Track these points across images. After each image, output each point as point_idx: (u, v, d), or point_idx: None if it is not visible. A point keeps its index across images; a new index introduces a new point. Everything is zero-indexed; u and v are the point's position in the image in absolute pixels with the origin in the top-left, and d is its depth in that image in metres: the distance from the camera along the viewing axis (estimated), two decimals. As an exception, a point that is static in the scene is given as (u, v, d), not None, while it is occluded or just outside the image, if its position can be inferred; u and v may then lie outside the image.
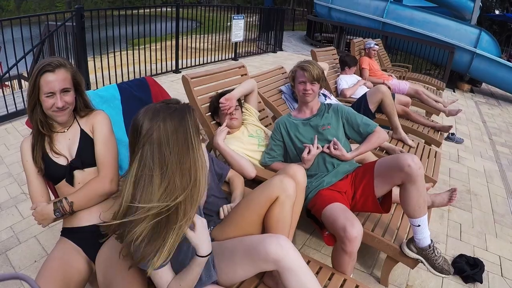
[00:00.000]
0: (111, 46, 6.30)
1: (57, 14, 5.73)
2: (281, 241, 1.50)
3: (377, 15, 11.32)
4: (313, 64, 2.59)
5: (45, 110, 1.63)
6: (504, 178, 4.54)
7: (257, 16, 11.04)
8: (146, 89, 2.37)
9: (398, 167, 2.04)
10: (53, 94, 1.60)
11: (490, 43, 9.48)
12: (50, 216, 1.64)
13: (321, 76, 2.60)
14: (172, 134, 1.22)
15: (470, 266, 2.66)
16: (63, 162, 1.71)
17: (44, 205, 1.65)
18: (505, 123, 7.42)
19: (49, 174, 1.71)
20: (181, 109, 1.28)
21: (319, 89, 2.65)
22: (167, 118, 1.22)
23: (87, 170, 1.75)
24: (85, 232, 1.72)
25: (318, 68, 2.59)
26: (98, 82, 5.94)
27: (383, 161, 2.26)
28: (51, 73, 1.58)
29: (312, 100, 2.63)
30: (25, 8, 64.24)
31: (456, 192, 2.66)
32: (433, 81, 7.46)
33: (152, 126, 1.21)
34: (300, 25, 20.16)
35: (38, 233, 2.63)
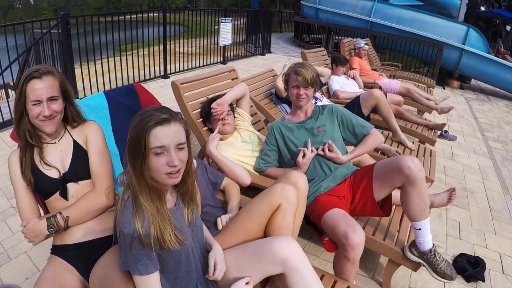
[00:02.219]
0: (98, 52, 6.21)
1: (43, 21, 5.63)
2: (288, 241, 1.50)
3: (365, 15, 11.35)
4: (307, 68, 2.49)
5: (31, 119, 1.55)
6: (499, 173, 4.53)
7: (244, 19, 10.99)
8: (134, 97, 2.30)
9: (398, 169, 1.99)
10: (40, 102, 1.52)
11: (478, 39, 9.53)
12: (43, 232, 1.56)
13: (315, 80, 2.52)
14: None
15: (471, 265, 2.62)
16: (55, 174, 1.62)
17: (36, 221, 1.57)
18: (496, 118, 7.45)
19: (40, 188, 1.62)
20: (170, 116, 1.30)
21: (313, 92, 2.58)
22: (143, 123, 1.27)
23: (81, 183, 1.67)
24: (77, 249, 1.63)
25: (312, 71, 2.49)
26: (86, 89, 5.84)
27: (382, 163, 2.20)
28: (38, 79, 1.51)
29: (305, 104, 2.56)
30: (11, 16, 63.79)
31: (455, 192, 2.63)
32: (423, 79, 7.46)
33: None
34: (288, 27, 20.20)
35: (28, 249, 2.52)
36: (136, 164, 1.27)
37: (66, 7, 62.93)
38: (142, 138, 1.24)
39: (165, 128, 1.26)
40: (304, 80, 2.46)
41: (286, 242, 1.49)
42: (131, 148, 1.28)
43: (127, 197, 1.29)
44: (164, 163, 1.27)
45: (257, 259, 1.50)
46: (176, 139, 1.28)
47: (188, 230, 1.45)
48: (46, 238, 1.59)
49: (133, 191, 1.29)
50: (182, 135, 1.31)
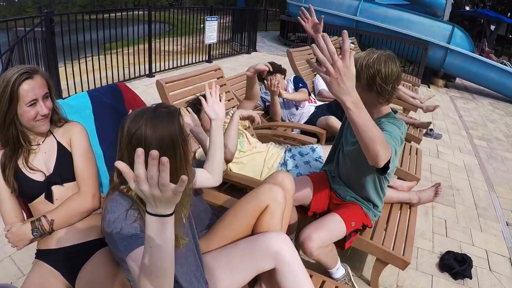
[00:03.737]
0: (82, 51, 6.12)
1: (26, 19, 5.53)
2: (281, 235, 1.55)
3: (350, 14, 11.38)
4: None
5: (26, 122, 1.51)
6: (484, 171, 4.58)
7: (230, 17, 10.94)
8: (118, 96, 2.25)
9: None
10: (36, 102, 1.49)
11: (463, 38, 9.65)
12: (27, 236, 1.51)
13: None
14: (157, 140, 1.16)
15: (458, 262, 2.64)
16: (40, 177, 1.58)
17: (20, 225, 1.52)
18: (480, 116, 7.54)
19: (24, 192, 1.57)
20: (167, 114, 1.22)
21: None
22: (151, 120, 1.17)
23: (66, 185, 1.63)
24: (62, 254, 1.58)
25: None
26: (70, 88, 5.74)
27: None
28: (30, 80, 1.48)
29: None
30: (-6, 13, 62.60)
31: (440, 187, 2.65)
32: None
33: (137, 127, 1.16)
34: (274, 25, 20.14)
35: (12, 252, 2.45)
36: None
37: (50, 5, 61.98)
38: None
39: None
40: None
41: (278, 236, 1.53)
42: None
43: (114, 190, 1.24)
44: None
45: (249, 255, 1.51)
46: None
47: (187, 224, 1.43)
48: (30, 242, 1.55)
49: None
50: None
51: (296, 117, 3.94)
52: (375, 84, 1.82)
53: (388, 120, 1.86)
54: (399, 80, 1.87)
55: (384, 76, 1.80)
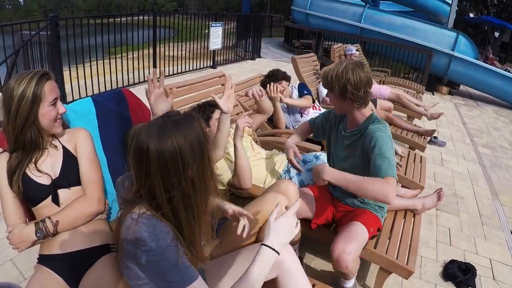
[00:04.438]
0: (87, 55, 6.14)
1: (31, 23, 5.57)
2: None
3: (355, 21, 11.42)
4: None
5: (47, 123, 1.53)
6: (488, 179, 4.55)
7: (235, 23, 10.97)
8: (122, 102, 2.24)
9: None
10: (56, 101, 1.54)
11: (467, 45, 9.64)
12: (30, 238, 1.49)
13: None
14: (189, 147, 1.11)
15: (462, 271, 2.62)
16: (46, 181, 1.57)
17: (23, 226, 1.51)
18: (485, 124, 7.51)
19: (29, 195, 1.56)
20: (186, 119, 1.16)
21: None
22: (177, 131, 1.11)
23: (73, 189, 1.63)
24: (65, 259, 1.57)
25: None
26: (75, 92, 5.76)
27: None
28: (50, 80, 1.52)
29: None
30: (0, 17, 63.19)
31: (443, 191, 2.64)
32: (413, 85, 7.50)
33: (166, 142, 1.09)
34: (278, 32, 20.17)
35: (14, 256, 2.45)
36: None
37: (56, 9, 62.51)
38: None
39: None
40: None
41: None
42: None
43: (142, 212, 1.15)
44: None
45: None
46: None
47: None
48: (33, 244, 1.53)
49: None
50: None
51: (299, 124, 3.93)
52: (347, 92, 1.96)
53: (376, 128, 1.96)
54: (369, 84, 1.99)
55: (354, 84, 1.93)
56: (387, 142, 1.89)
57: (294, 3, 14.37)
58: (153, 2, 73.60)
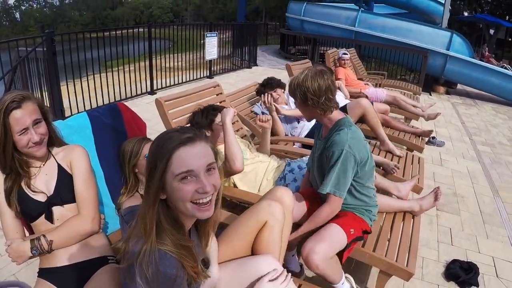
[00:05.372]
0: (84, 69, 6.19)
1: (27, 39, 5.61)
2: (270, 259, 1.54)
3: (349, 25, 11.47)
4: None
5: (20, 149, 1.54)
6: (488, 177, 4.55)
7: (230, 32, 11.03)
8: (117, 116, 2.27)
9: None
10: (26, 130, 1.50)
11: (462, 44, 9.67)
12: (26, 254, 1.54)
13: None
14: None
15: (465, 270, 2.61)
16: (41, 198, 1.61)
17: (20, 241, 1.55)
18: (483, 121, 7.51)
19: (25, 212, 1.60)
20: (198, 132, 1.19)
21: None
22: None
23: (67, 206, 1.66)
24: (64, 272, 1.61)
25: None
26: (73, 107, 5.78)
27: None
28: (18, 109, 1.48)
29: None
30: (-2, 33, 63.45)
31: (440, 190, 2.65)
32: (409, 86, 7.52)
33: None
34: (274, 39, 20.28)
35: (17, 271, 2.46)
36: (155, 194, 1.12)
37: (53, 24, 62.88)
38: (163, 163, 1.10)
39: (191, 149, 1.12)
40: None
41: (268, 261, 1.52)
42: (150, 176, 1.13)
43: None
44: (193, 190, 1.11)
45: (238, 278, 1.50)
46: (205, 160, 1.13)
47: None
48: (29, 259, 1.57)
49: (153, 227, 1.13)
50: (211, 156, 1.17)
51: (297, 130, 3.94)
52: (307, 99, 2.06)
53: (336, 137, 2.02)
54: (331, 91, 2.07)
55: (313, 91, 2.03)
56: (339, 161, 1.98)
57: (288, 10, 14.47)
58: (149, 14, 74.15)
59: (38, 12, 76.52)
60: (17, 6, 77.24)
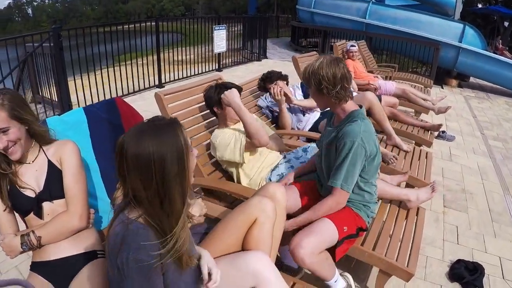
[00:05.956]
0: (92, 64, 6.21)
1: (34, 35, 5.63)
2: (260, 255, 1.55)
3: (360, 17, 11.31)
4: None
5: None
6: (499, 173, 4.44)
7: (240, 25, 10.96)
8: (114, 111, 2.25)
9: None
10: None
11: (475, 36, 9.46)
12: (17, 248, 1.57)
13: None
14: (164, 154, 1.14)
15: (470, 271, 2.54)
16: (31, 194, 1.63)
17: (12, 237, 1.58)
18: (495, 116, 7.36)
19: (16, 207, 1.63)
20: (168, 125, 1.19)
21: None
22: (155, 137, 1.14)
23: (56, 202, 1.67)
24: (55, 265, 1.64)
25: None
26: (80, 102, 5.80)
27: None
28: None
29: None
30: (10, 29, 64.34)
31: (435, 183, 2.63)
32: (420, 79, 7.39)
33: (142, 148, 1.12)
34: (285, 32, 20.14)
35: (19, 263, 2.50)
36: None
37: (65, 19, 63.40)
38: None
39: None
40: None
41: (258, 257, 1.53)
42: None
43: (137, 217, 1.19)
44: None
45: (228, 274, 1.49)
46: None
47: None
48: (21, 253, 1.60)
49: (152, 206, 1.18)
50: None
51: (302, 124, 3.88)
52: (322, 87, 1.99)
53: (349, 130, 1.95)
54: (346, 80, 1.99)
55: (328, 80, 1.96)
56: (350, 152, 1.93)
57: (299, 2, 14.33)
58: (160, 8, 74.36)
59: (50, 7, 77.35)
60: (29, 1, 78.18)
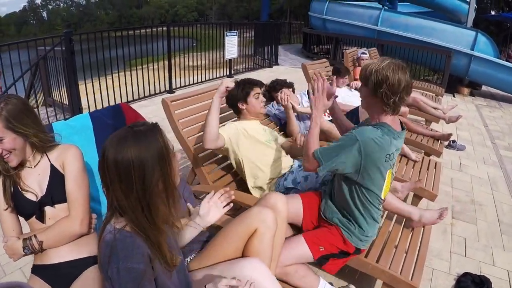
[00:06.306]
0: (103, 68, 6.27)
1: (46, 39, 5.71)
2: (256, 263, 1.54)
3: (372, 24, 11.28)
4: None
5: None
6: (509, 184, 4.37)
7: (253, 31, 10.98)
8: (120, 116, 2.27)
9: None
10: None
11: (487, 44, 9.37)
12: (19, 252, 1.60)
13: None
14: (145, 160, 1.16)
15: (476, 285, 2.50)
16: (33, 198, 1.64)
17: (14, 240, 1.61)
18: (507, 125, 7.25)
19: (19, 210, 1.66)
20: (149, 131, 1.21)
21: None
22: (135, 143, 1.17)
23: (58, 206, 1.68)
24: (55, 269, 1.65)
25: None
26: (91, 105, 5.86)
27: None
28: None
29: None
30: (25, 32, 65.32)
31: (446, 212, 2.47)
32: (432, 87, 7.33)
33: (122, 155, 1.15)
34: (297, 38, 20.17)
35: (23, 265, 2.51)
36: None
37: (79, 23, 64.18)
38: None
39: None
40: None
41: (254, 265, 1.52)
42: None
43: (124, 226, 1.21)
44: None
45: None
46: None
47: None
48: (24, 256, 1.63)
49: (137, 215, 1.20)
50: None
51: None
52: (381, 89, 1.82)
53: (362, 132, 1.86)
54: (407, 90, 1.85)
55: (391, 84, 1.80)
56: (345, 137, 1.90)
57: (311, 9, 14.38)
58: (174, 13, 74.97)
59: (65, 11, 78.40)
60: (44, 5, 79.36)
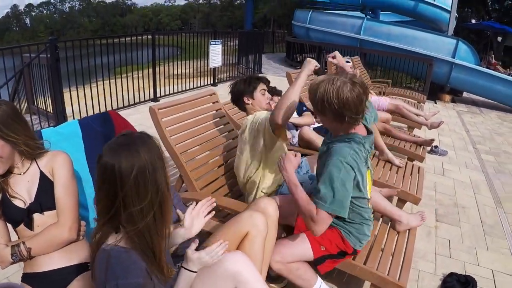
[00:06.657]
0: (90, 76, 6.24)
1: (31, 46, 5.66)
2: (238, 256, 1.55)
3: (355, 33, 11.45)
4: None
5: None
6: (491, 187, 4.48)
7: (237, 40, 11.04)
8: (108, 124, 2.27)
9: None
10: None
11: (468, 52, 9.62)
12: (7, 259, 1.57)
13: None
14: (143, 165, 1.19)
15: (462, 284, 2.55)
16: (22, 205, 1.62)
17: (2, 247, 1.58)
18: (488, 130, 7.43)
19: (7, 217, 1.63)
20: (144, 134, 1.26)
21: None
22: (144, 146, 1.21)
23: (47, 213, 1.66)
24: (46, 277, 1.63)
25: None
26: (75, 114, 5.82)
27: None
28: None
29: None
30: (8, 38, 64.43)
31: (424, 214, 2.59)
32: (414, 95, 7.48)
33: (138, 160, 1.18)
34: (281, 47, 20.31)
35: (10, 274, 2.45)
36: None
37: (62, 30, 63.56)
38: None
39: None
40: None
41: (236, 258, 1.53)
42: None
43: (118, 241, 1.23)
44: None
45: (209, 277, 1.50)
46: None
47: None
48: (12, 264, 1.60)
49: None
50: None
51: (295, 139, 3.92)
52: (344, 114, 1.77)
53: (338, 149, 1.81)
54: (367, 96, 1.79)
55: (353, 105, 1.74)
56: (339, 171, 1.74)
57: (294, 18, 14.50)
58: (157, 21, 74.83)
59: (48, 18, 77.56)
60: (28, 12, 78.40)
